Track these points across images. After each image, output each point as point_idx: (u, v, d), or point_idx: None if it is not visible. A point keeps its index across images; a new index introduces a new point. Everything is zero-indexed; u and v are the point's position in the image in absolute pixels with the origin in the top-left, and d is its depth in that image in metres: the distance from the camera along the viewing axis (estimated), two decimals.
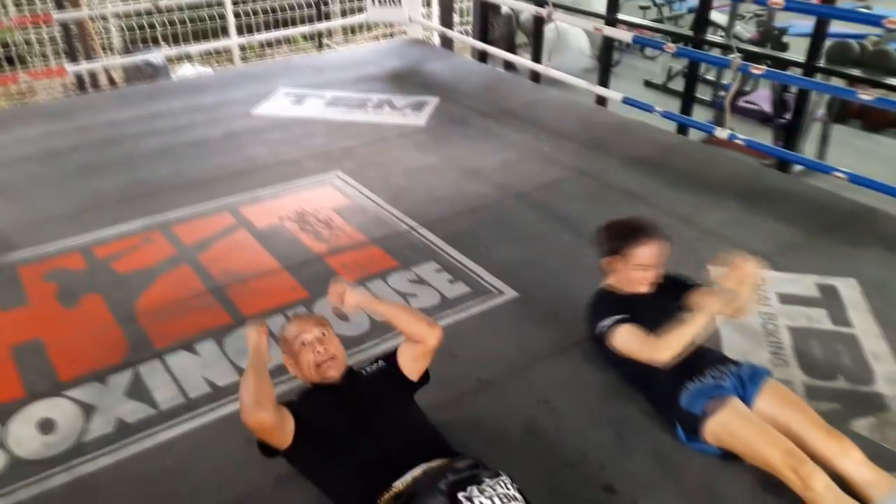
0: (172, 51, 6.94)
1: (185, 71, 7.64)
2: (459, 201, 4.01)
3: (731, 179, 4.26)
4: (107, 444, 2.39)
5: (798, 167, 4.72)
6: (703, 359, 2.34)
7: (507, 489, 1.79)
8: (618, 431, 2.38)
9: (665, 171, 4.36)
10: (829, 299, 3.06)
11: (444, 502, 1.70)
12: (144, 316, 3.06)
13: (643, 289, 2.49)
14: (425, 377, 2.25)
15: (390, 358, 2.25)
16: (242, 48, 7.40)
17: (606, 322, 2.41)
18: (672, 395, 2.27)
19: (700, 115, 5.54)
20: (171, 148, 4.76)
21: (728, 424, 2.14)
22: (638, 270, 2.46)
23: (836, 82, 4.66)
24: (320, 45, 8.03)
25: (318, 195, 4.12)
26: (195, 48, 6.84)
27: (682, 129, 5.08)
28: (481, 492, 1.74)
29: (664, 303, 2.47)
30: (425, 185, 4.20)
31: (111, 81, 7.49)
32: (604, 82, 5.59)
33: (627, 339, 2.35)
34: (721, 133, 4.30)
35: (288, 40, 8.68)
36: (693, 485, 2.18)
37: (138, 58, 7.03)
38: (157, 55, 7.02)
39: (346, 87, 5.83)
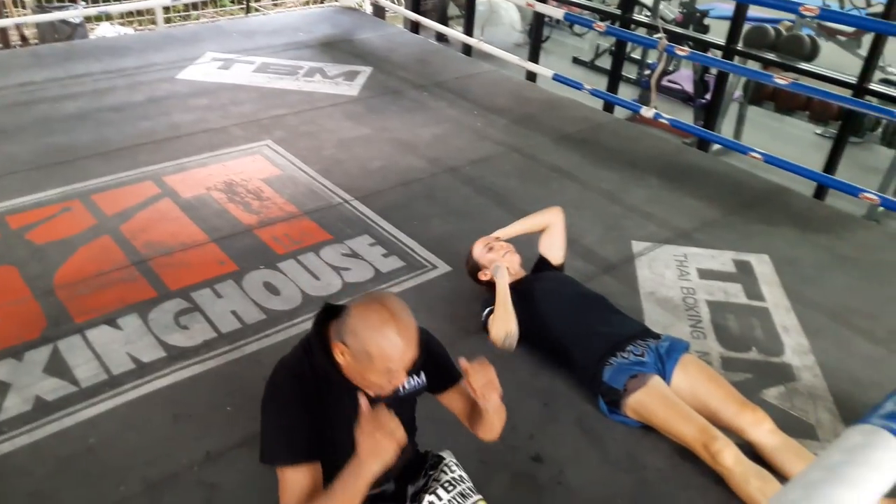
0: (91, 9, 6.58)
1: (104, 31, 7.26)
2: (392, 174, 4.00)
3: (655, 157, 4.40)
4: (24, 423, 2.29)
5: (717, 146, 4.91)
6: (624, 332, 2.44)
7: (452, 473, 1.80)
8: (545, 403, 2.46)
9: (592, 147, 4.47)
10: (745, 274, 3.22)
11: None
12: (63, 289, 2.94)
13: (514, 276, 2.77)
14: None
15: (438, 387, 1.82)
16: (166, 9, 7.09)
17: (485, 312, 2.71)
18: (595, 371, 2.37)
19: (626, 92, 5.67)
20: (91, 112, 4.54)
21: (646, 402, 2.26)
22: (489, 254, 2.80)
23: (752, 65, 4.85)
24: (248, 9, 7.77)
25: (247, 165, 4.03)
26: (116, 8, 6.52)
27: (609, 106, 5.19)
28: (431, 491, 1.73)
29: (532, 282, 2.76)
30: (358, 157, 4.17)
31: (23, 39, 7.04)
32: (534, 58, 5.64)
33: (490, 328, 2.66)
34: (646, 112, 4.42)
35: (214, 2, 8.37)
36: (616, 453, 2.28)
37: (54, 15, 6.63)
38: (74, 13, 6.64)
39: (275, 54, 5.69)
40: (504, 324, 2.58)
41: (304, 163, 4.05)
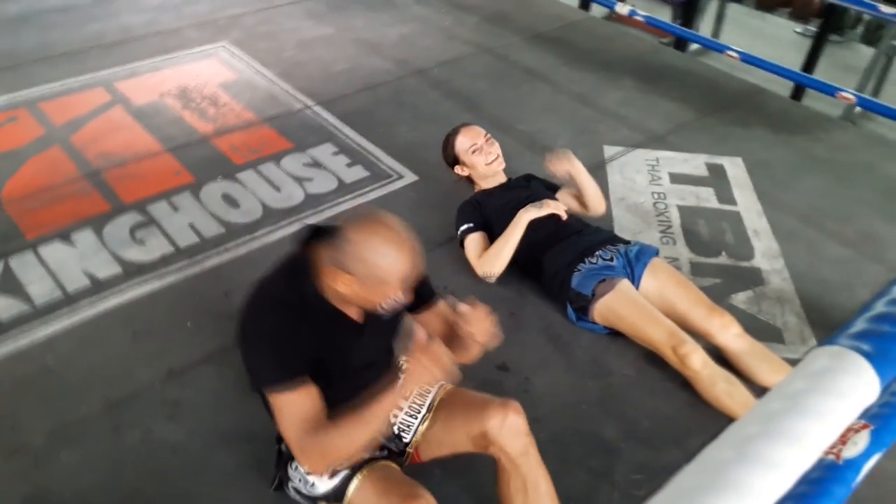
0: None
1: None
2: (357, 78, 3.82)
3: (630, 58, 4.24)
4: None
5: (694, 46, 4.74)
6: (593, 239, 2.39)
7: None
8: (512, 312, 2.44)
9: (566, 48, 4.29)
10: (717, 178, 3.16)
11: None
12: (12, 204, 2.81)
13: (495, 179, 2.62)
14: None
15: (417, 303, 1.69)
16: None
17: (459, 231, 2.55)
18: (564, 277, 2.33)
19: None
20: (34, 14, 4.26)
21: (615, 306, 2.23)
22: (473, 156, 2.56)
23: None
24: None
25: (202, 69, 3.82)
26: None
27: (585, 4, 4.95)
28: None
29: (510, 195, 2.57)
30: (320, 60, 3.96)
31: None
32: None
33: (468, 251, 2.52)
34: (622, 9, 4.22)
35: None
36: (582, 360, 2.28)
37: None
38: None
39: None
40: (496, 263, 2.46)
41: (263, 66, 3.85)
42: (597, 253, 2.33)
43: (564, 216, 2.48)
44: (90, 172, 2.99)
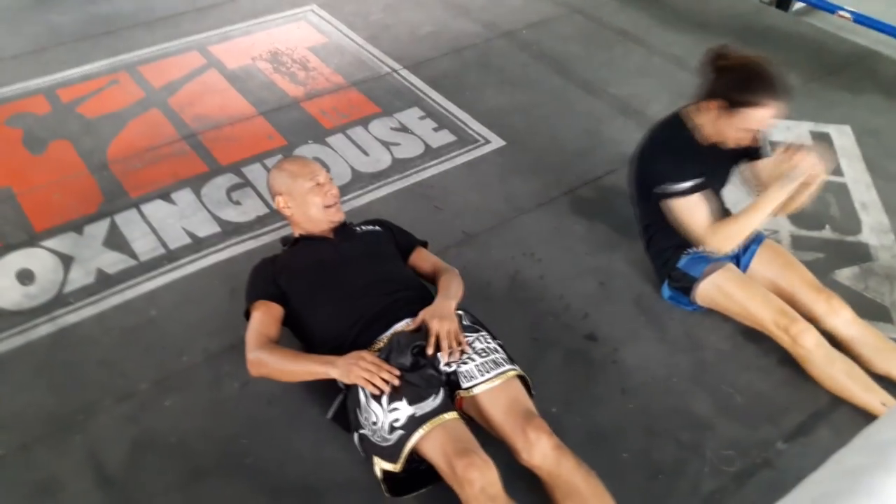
0: None
1: None
2: (444, 41, 3.78)
3: (730, 18, 4.03)
4: (88, 294, 2.37)
5: (799, 4, 4.46)
6: None
7: (487, 343, 1.81)
8: (602, 282, 2.40)
9: (661, 7, 4.11)
10: (823, 147, 2.99)
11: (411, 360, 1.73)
12: (116, 163, 2.94)
13: (729, 144, 2.06)
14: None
15: (391, 230, 2.20)
16: None
17: (679, 186, 2.05)
18: (672, 256, 2.22)
19: None
20: None
21: (722, 285, 2.12)
22: (741, 132, 2.00)
23: None
24: None
25: (292, 32, 3.86)
26: None
27: None
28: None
29: (730, 164, 2.22)
30: (407, 22, 3.94)
31: None
32: None
33: (693, 213, 2.06)
34: None
35: None
36: (675, 333, 2.22)
37: None
38: None
39: None
40: (735, 240, 2.08)
41: (351, 29, 3.86)
42: None
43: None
44: (188, 134, 3.09)
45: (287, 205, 2.06)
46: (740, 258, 2.22)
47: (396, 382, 1.65)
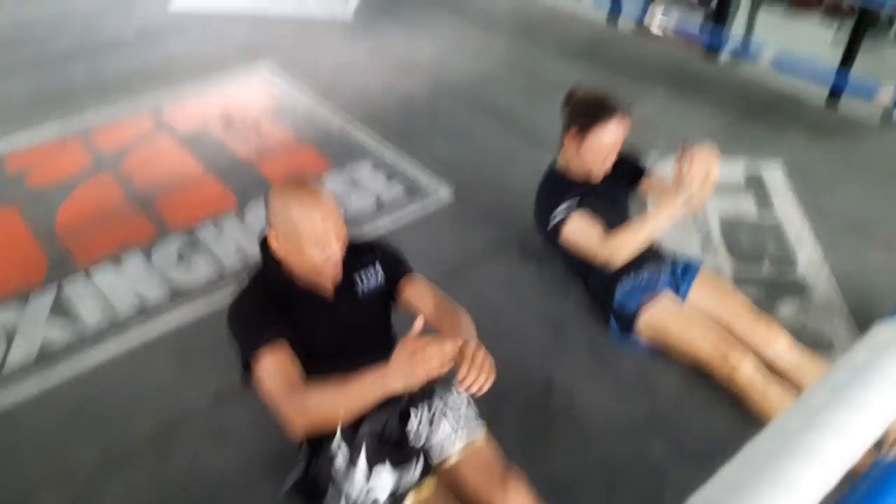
0: None
1: None
2: (392, 97, 3.87)
3: (661, 68, 4.23)
4: (29, 374, 2.28)
5: (726, 56, 4.70)
6: (639, 253, 2.36)
7: (458, 394, 1.81)
8: (555, 327, 2.44)
9: (597, 61, 4.29)
10: (756, 186, 3.13)
11: (395, 421, 1.69)
12: (65, 230, 2.90)
13: (596, 178, 2.29)
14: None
15: (393, 280, 1.83)
16: None
17: (560, 211, 2.24)
18: (608, 289, 2.31)
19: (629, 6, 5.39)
20: (84, 48, 4.41)
21: (661, 317, 2.19)
22: (597, 154, 2.21)
23: None
24: None
25: (243, 94, 3.91)
26: None
27: (613, 17, 4.95)
28: (430, 406, 1.75)
29: (616, 192, 2.37)
30: (356, 81, 4.03)
31: None
32: None
33: (579, 230, 2.22)
34: (651, 19, 4.22)
35: None
36: (627, 375, 2.26)
37: None
38: None
39: None
40: (626, 249, 2.17)
41: (301, 89, 3.93)
42: (643, 266, 2.30)
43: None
44: (138, 197, 3.08)
45: (277, 243, 1.63)
46: (679, 287, 2.29)
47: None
